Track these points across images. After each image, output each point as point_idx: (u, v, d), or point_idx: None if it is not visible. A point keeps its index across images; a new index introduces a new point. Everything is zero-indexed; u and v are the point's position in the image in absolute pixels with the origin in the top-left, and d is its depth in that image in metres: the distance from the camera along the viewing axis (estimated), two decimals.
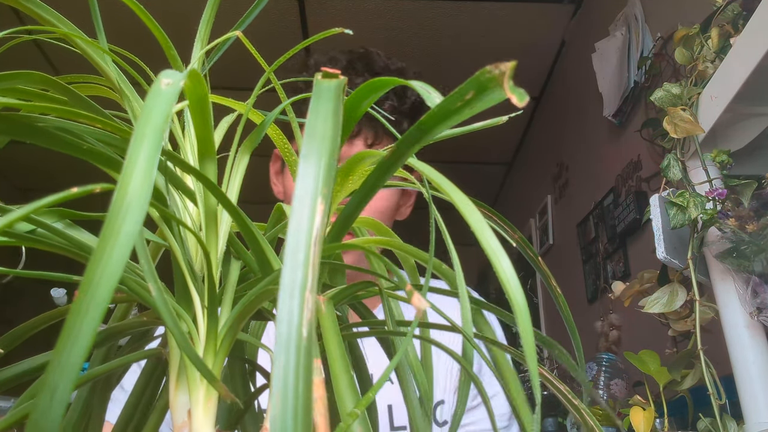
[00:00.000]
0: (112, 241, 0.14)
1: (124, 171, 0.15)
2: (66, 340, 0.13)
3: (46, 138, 0.21)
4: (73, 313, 0.13)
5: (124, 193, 0.15)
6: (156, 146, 0.16)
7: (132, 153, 0.16)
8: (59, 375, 0.13)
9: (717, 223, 0.84)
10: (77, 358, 0.13)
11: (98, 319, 0.13)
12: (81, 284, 0.14)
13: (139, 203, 0.15)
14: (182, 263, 0.26)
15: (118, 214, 0.15)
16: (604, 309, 2.09)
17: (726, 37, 0.93)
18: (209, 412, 0.24)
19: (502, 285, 0.18)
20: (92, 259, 0.14)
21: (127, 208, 0.15)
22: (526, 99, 0.17)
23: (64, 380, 0.13)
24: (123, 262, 0.14)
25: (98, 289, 0.14)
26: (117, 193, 0.15)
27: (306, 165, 0.16)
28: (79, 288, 0.14)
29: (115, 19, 1.35)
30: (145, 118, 0.17)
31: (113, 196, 0.15)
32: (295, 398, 0.13)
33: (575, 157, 2.52)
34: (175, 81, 0.18)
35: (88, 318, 0.13)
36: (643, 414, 0.90)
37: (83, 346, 0.13)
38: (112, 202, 0.15)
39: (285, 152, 0.31)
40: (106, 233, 0.14)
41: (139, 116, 0.17)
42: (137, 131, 0.16)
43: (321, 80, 0.19)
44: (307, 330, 0.13)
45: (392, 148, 0.22)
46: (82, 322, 0.13)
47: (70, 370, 0.13)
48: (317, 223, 0.15)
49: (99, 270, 0.14)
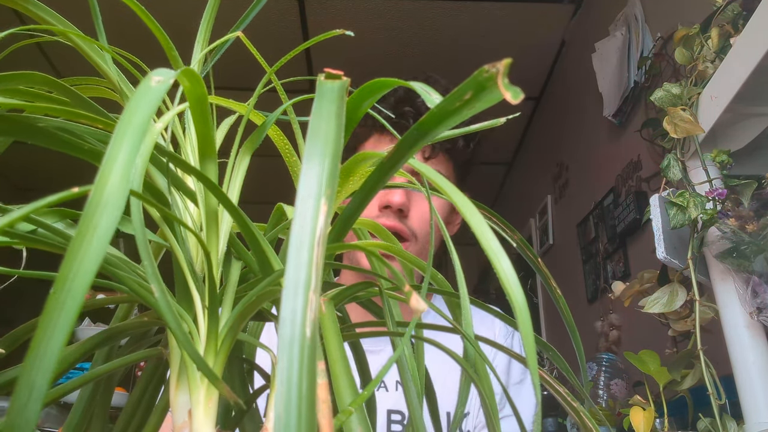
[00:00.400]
0: (88, 236, 0.14)
1: (104, 165, 0.15)
2: (42, 336, 0.13)
3: (48, 138, 0.21)
4: (48, 310, 0.13)
5: (102, 188, 0.15)
6: (137, 142, 0.16)
7: (113, 147, 0.15)
8: (35, 372, 0.13)
9: (717, 223, 0.84)
10: (53, 355, 0.13)
11: (74, 315, 0.13)
12: (56, 280, 0.13)
13: (117, 198, 0.15)
14: (183, 263, 0.26)
15: (96, 209, 0.14)
16: (604, 309, 2.09)
17: (726, 37, 0.93)
18: (210, 412, 0.24)
19: (502, 285, 0.18)
20: (67, 255, 0.14)
21: (105, 203, 0.14)
22: (521, 96, 0.17)
23: (40, 378, 0.13)
24: (99, 258, 0.14)
25: (73, 287, 0.13)
26: (95, 188, 0.15)
27: (309, 165, 0.16)
28: (54, 284, 0.13)
29: (117, 21, 1.36)
30: (130, 113, 0.16)
31: (91, 191, 0.15)
32: (298, 398, 0.13)
33: (575, 157, 2.52)
34: (165, 78, 0.18)
35: (63, 314, 0.13)
36: (643, 414, 0.90)
37: (59, 341, 0.13)
38: (90, 197, 0.15)
39: (286, 153, 0.31)
40: (83, 228, 0.14)
41: (123, 111, 0.17)
42: (119, 126, 0.16)
43: (324, 81, 0.19)
44: (310, 330, 0.13)
45: (392, 150, 0.22)
46: (57, 319, 0.13)
47: (47, 366, 0.13)
48: (320, 224, 0.15)
49: (75, 266, 0.14)
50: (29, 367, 0.13)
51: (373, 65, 2.74)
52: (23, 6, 0.27)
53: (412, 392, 0.27)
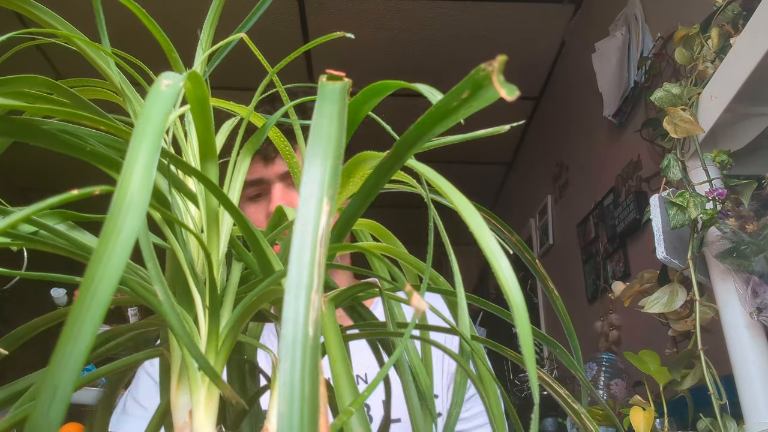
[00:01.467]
0: (113, 240, 0.14)
1: (125, 170, 0.15)
2: (68, 338, 0.13)
3: (51, 140, 0.21)
4: (75, 312, 0.13)
5: (124, 192, 0.15)
6: (156, 145, 0.16)
7: (132, 152, 0.16)
8: (60, 374, 0.13)
9: (717, 223, 0.84)
10: (79, 357, 0.13)
11: (100, 318, 0.13)
12: (82, 284, 0.14)
13: (139, 201, 0.15)
14: (184, 265, 0.26)
15: (119, 212, 0.14)
16: (604, 309, 2.09)
17: (726, 37, 0.93)
18: (210, 412, 0.24)
19: (500, 286, 0.18)
20: (93, 258, 0.14)
21: (128, 206, 0.15)
22: (516, 93, 0.17)
23: (65, 380, 0.13)
24: (124, 261, 0.14)
25: (99, 289, 0.14)
26: (117, 192, 0.15)
27: (311, 166, 0.16)
28: (80, 287, 0.14)
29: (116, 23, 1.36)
30: (145, 118, 0.17)
31: (114, 195, 0.15)
32: (301, 398, 0.13)
33: (575, 157, 2.52)
34: (174, 82, 0.18)
35: (89, 317, 0.13)
36: (643, 414, 0.90)
37: (85, 344, 0.13)
38: (113, 201, 0.15)
39: (286, 154, 0.31)
40: (107, 232, 0.14)
41: (139, 116, 0.17)
42: (137, 131, 0.16)
43: (326, 82, 0.19)
44: (313, 330, 0.13)
45: (392, 150, 0.22)
46: (83, 321, 0.13)
47: (72, 369, 0.13)
48: (323, 224, 0.15)
49: (100, 269, 0.14)
50: (54, 369, 0.13)
51: (373, 65, 2.74)
52: (24, 8, 0.27)
53: (412, 391, 0.27)
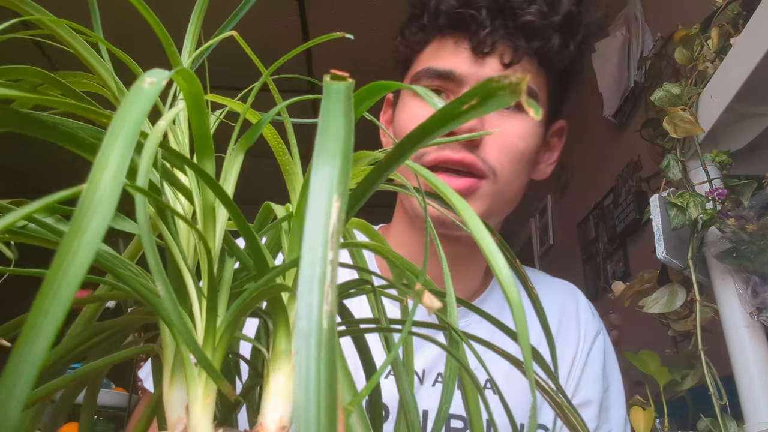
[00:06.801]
0: (79, 237, 0.14)
1: (96, 165, 0.15)
2: (29, 334, 0.13)
3: (51, 131, 0.21)
4: (36, 308, 0.13)
5: (94, 188, 0.15)
6: (130, 142, 0.16)
7: (105, 148, 0.16)
8: (20, 369, 0.13)
9: (717, 223, 0.84)
10: (40, 352, 0.13)
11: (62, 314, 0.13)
12: (45, 279, 0.13)
13: (109, 199, 0.15)
14: (179, 260, 0.26)
15: (87, 209, 0.14)
16: (604, 309, 2.08)
17: (726, 37, 0.93)
18: (207, 408, 0.24)
19: (499, 284, 0.18)
20: (57, 256, 0.14)
21: (97, 203, 0.14)
22: (542, 112, 0.18)
23: (25, 375, 0.13)
24: (89, 258, 0.14)
25: (62, 286, 0.13)
26: (87, 188, 0.15)
27: (320, 162, 0.16)
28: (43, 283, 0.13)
29: (116, 23, 1.36)
30: (122, 115, 0.17)
31: (83, 190, 0.15)
32: (317, 392, 0.13)
33: (575, 157, 2.52)
34: (158, 80, 0.18)
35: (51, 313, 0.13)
36: (643, 414, 0.90)
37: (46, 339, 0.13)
38: (82, 197, 0.15)
39: (279, 151, 0.31)
40: (74, 228, 0.14)
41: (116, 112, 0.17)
42: (111, 128, 0.16)
43: (330, 82, 0.19)
44: (327, 322, 0.13)
45: (391, 150, 0.22)
46: (46, 314, 0.13)
47: (32, 364, 0.13)
48: (334, 219, 0.15)
49: (63, 267, 0.14)
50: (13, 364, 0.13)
51: (373, 64, 2.74)
52: (19, 6, 0.27)
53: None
